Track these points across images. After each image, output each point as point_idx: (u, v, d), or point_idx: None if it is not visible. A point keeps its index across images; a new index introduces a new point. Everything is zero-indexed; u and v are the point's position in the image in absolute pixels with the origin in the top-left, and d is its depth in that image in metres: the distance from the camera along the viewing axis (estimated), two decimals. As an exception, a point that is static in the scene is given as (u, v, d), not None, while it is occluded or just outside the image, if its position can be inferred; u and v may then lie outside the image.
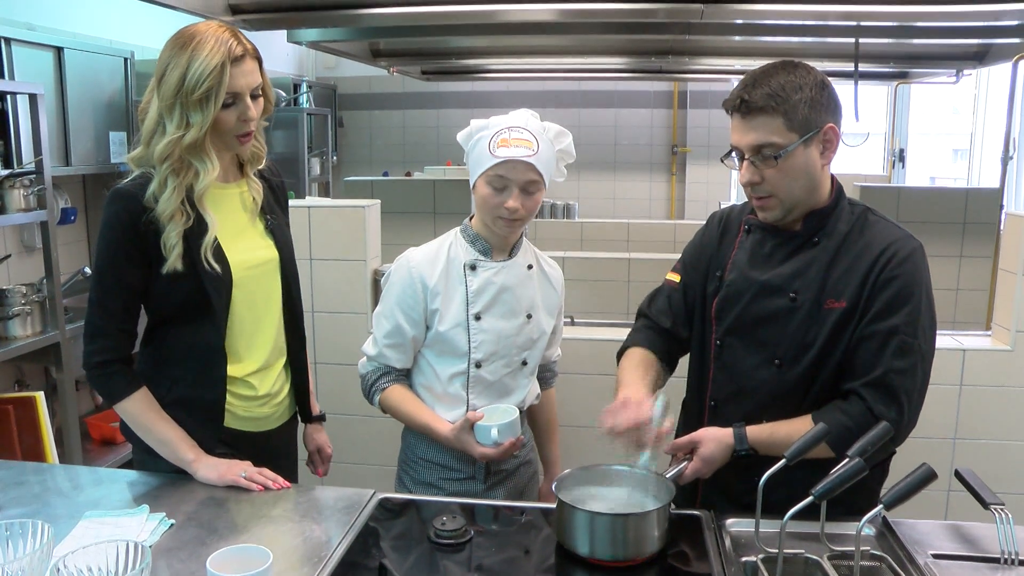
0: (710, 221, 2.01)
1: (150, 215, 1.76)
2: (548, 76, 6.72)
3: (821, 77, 1.71)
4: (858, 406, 1.69)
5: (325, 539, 1.63)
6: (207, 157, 1.80)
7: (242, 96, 1.78)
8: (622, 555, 1.56)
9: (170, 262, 1.76)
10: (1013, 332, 2.80)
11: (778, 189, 1.72)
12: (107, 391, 1.86)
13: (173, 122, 1.76)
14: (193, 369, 1.88)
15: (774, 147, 1.67)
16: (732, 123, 1.73)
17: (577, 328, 3.06)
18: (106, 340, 1.82)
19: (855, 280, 1.72)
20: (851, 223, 1.77)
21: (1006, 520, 1.49)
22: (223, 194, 1.90)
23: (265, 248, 1.96)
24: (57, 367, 3.79)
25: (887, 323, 1.69)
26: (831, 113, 1.71)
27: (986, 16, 3.21)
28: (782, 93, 1.65)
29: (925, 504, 1.76)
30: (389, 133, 8.22)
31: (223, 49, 1.73)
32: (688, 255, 2.02)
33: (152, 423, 1.84)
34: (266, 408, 1.99)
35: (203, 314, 1.84)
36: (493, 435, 1.92)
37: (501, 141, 1.91)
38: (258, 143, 1.96)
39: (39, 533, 1.40)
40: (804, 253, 1.77)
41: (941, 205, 4.62)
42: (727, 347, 1.85)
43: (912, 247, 1.73)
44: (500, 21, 3.56)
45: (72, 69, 4.25)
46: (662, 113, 7.88)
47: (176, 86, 1.73)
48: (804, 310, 1.74)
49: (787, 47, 5.08)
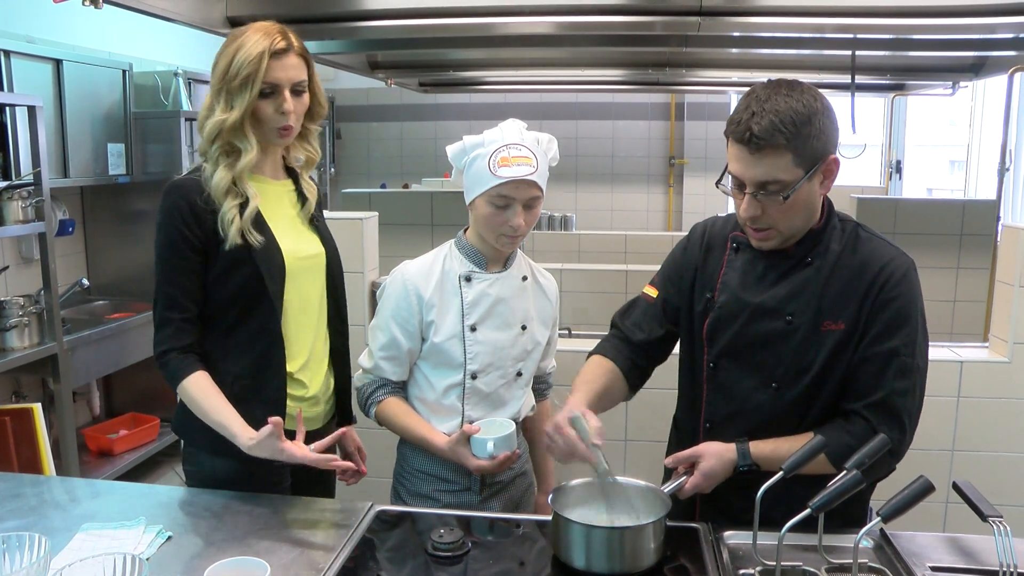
0: (692, 235, 1.99)
1: (206, 196, 1.85)
2: (546, 88, 6.73)
3: (824, 102, 1.65)
4: (861, 426, 1.69)
5: (322, 551, 1.63)
6: (246, 139, 1.88)
7: (280, 88, 1.86)
8: (618, 568, 1.55)
9: (231, 237, 1.84)
10: (1010, 344, 2.80)
11: (779, 223, 1.70)
12: (168, 377, 1.89)
13: (220, 105, 1.87)
14: (254, 359, 1.92)
15: (781, 184, 1.63)
16: (733, 151, 1.66)
17: (574, 340, 3.05)
18: (167, 329, 1.87)
19: (852, 301, 1.71)
20: (843, 242, 1.76)
21: (1004, 533, 1.49)
22: (270, 189, 1.97)
23: (313, 242, 2.03)
24: (54, 378, 3.78)
25: (887, 345, 1.69)
26: (833, 142, 1.67)
27: (982, 29, 3.22)
28: (792, 128, 1.58)
29: (923, 516, 1.76)
30: (387, 145, 8.23)
31: (265, 42, 1.83)
32: (668, 269, 2.00)
33: (211, 404, 1.85)
34: (316, 408, 2.04)
35: (260, 301, 1.90)
36: (489, 448, 1.91)
37: (502, 160, 1.91)
38: (311, 147, 2.06)
39: (35, 546, 1.40)
40: (798, 274, 1.75)
41: (938, 217, 4.63)
42: (721, 369, 1.83)
43: (907, 266, 1.73)
44: (498, 33, 3.56)
45: (71, 81, 4.26)
46: (659, 125, 7.90)
47: (223, 73, 1.85)
48: (801, 332, 1.73)
49: (784, 59, 5.09)
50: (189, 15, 2.97)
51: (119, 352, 4.29)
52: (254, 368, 1.92)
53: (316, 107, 1.97)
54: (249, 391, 1.90)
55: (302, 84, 1.90)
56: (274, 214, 1.95)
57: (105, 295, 4.88)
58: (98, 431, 4.53)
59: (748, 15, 3.13)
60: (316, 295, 2.03)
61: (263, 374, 1.92)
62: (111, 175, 4.59)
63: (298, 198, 2.05)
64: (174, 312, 1.86)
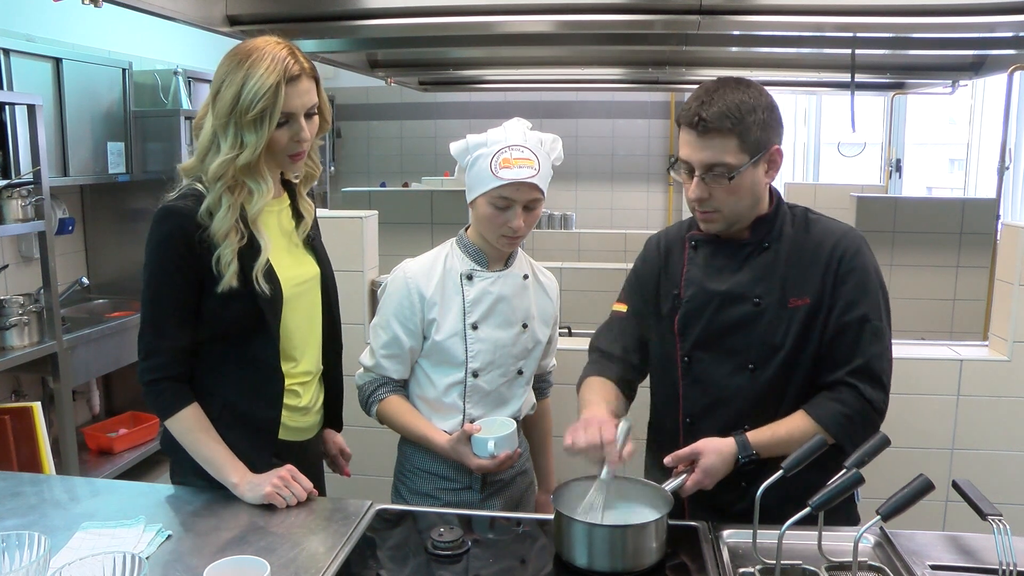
0: (648, 246, 2.04)
1: (203, 233, 1.74)
2: (546, 87, 6.73)
3: (770, 99, 1.76)
4: (849, 393, 1.76)
5: (322, 550, 1.63)
6: (262, 179, 1.78)
7: (296, 116, 1.76)
8: (620, 567, 1.55)
9: (226, 280, 1.74)
10: (1010, 343, 2.80)
11: (724, 205, 1.77)
12: (157, 408, 1.83)
13: (227, 141, 1.73)
14: (249, 387, 1.86)
15: (727, 167, 1.72)
16: (684, 136, 1.76)
17: (575, 339, 3.05)
18: (158, 358, 1.79)
19: (815, 276, 1.79)
20: (795, 225, 1.85)
21: (1004, 531, 1.49)
22: (267, 211, 1.87)
23: (308, 264, 1.97)
24: (54, 377, 3.79)
25: (856, 313, 1.77)
26: (778, 135, 1.77)
27: (981, 28, 3.22)
28: (737, 114, 1.69)
29: (923, 515, 1.76)
30: (387, 144, 8.23)
31: (279, 68, 1.70)
32: (631, 284, 2.05)
33: (199, 442, 1.82)
34: (308, 417, 2.00)
35: (256, 332, 1.83)
36: (490, 447, 1.92)
37: (503, 161, 1.91)
38: (312, 162, 1.94)
39: (35, 545, 1.40)
40: (758, 259, 1.83)
41: (938, 215, 4.64)
42: (696, 361, 1.86)
43: (859, 239, 1.83)
44: (498, 32, 3.57)
45: (70, 80, 4.26)
46: (659, 124, 7.90)
47: (231, 104, 1.71)
48: (770, 312, 1.79)
49: (784, 58, 5.09)
50: (189, 14, 2.97)
51: (119, 351, 4.29)
52: (247, 395, 1.86)
53: (323, 124, 1.87)
54: (238, 417, 1.86)
55: (315, 107, 1.80)
56: (270, 237, 1.85)
57: (105, 294, 4.88)
58: (98, 430, 4.53)
59: (748, 14, 3.14)
60: (314, 313, 1.98)
61: (256, 402, 1.87)
62: (111, 174, 4.59)
63: (293, 214, 1.96)
64: (164, 341, 1.78)
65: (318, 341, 2.01)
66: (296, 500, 1.80)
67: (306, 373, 1.97)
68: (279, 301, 1.84)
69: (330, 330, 2.04)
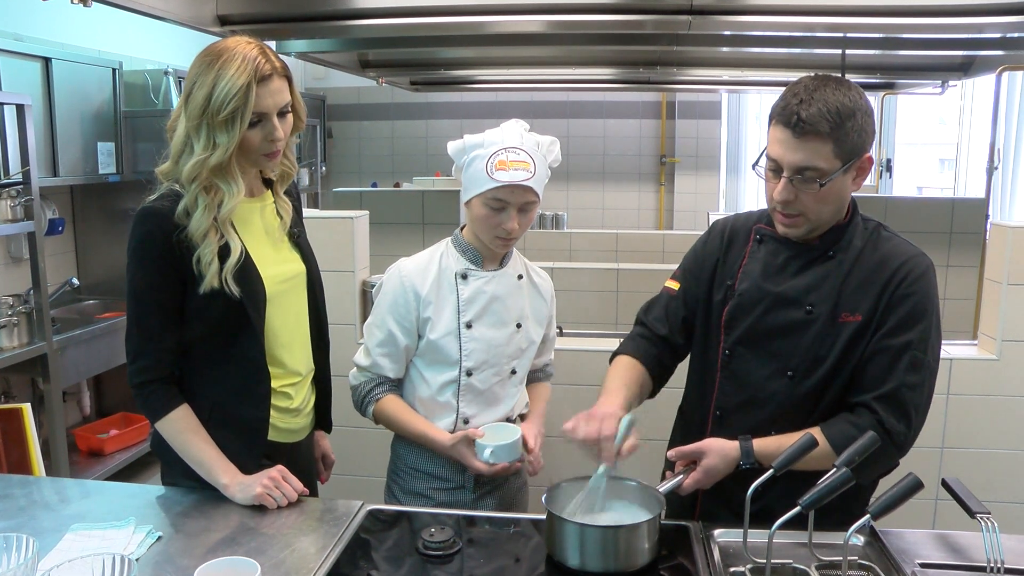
0: (712, 230, 1.99)
1: (182, 233, 1.74)
2: (537, 87, 6.74)
3: (869, 103, 1.68)
4: (868, 419, 1.69)
5: (313, 551, 1.63)
6: (233, 180, 1.77)
7: (269, 116, 1.75)
8: (612, 567, 1.56)
9: (207, 280, 1.74)
10: (999, 341, 2.82)
11: (809, 210, 1.71)
12: (147, 410, 1.83)
13: (200, 142, 1.74)
14: (237, 387, 1.86)
15: (818, 172, 1.65)
16: (777, 134, 1.68)
17: (566, 339, 3.06)
18: (145, 360, 1.79)
19: (871, 295, 1.73)
20: (865, 238, 1.78)
21: (992, 529, 1.50)
22: (249, 208, 1.87)
23: (293, 262, 1.96)
24: (44, 378, 3.77)
25: (901, 339, 1.70)
26: (871, 142, 1.71)
27: (970, 29, 3.24)
28: (837, 118, 1.61)
29: (912, 513, 1.77)
30: (378, 144, 8.22)
31: (250, 68, 1.69)
32: (689, 262, 2.00)
33: (189, 443, 1.82)
34: (299, 419, 2.00)
35: (241, 330, 1.83)
36: (486, 455, 1.93)
37: (499, 164, 1.91)
38: (288, 161, 1.93)
39: (24, 547, 1.40)
40: (819, 266, 1.77)
41: (927, 215, 4.66)
42: (736, 356, 1.84)
43: (926, 265, 1.75)
44: (489, 32, 3.57)
45: (60, 79, 4.24)
46: (650, 124, 7.91)
47: (202, 106, 1.71)
48: (819, 323, 1.74)
49: (774, 58, 5.11)
50: (179, 13, 2.96)
51: (109, 352, 4.27)
52: (235, 395, 1.86)
53: (297, 122, 1.86)
54: (227, 417, 1.86)
55: (288, 105, 1.80)
56: (252, 235, 1.86)
57: (95, 294, 4.86)
58: (88, 431, 4.51)
59: (738, 14, 3.15)
60: (299, 314, 1.98)
61: (244, 402, 1.87)
62: (101, 174, 4.57)
63: (277, 211, 1.96)
64: (151, 343, 1.78)
65: (306, 340, 2.00)
66: (287, 501, 1.81)
67: (296, 374, 1.96)
68: (262, 299, 1.84)
69: (317, 328, 2.04)
